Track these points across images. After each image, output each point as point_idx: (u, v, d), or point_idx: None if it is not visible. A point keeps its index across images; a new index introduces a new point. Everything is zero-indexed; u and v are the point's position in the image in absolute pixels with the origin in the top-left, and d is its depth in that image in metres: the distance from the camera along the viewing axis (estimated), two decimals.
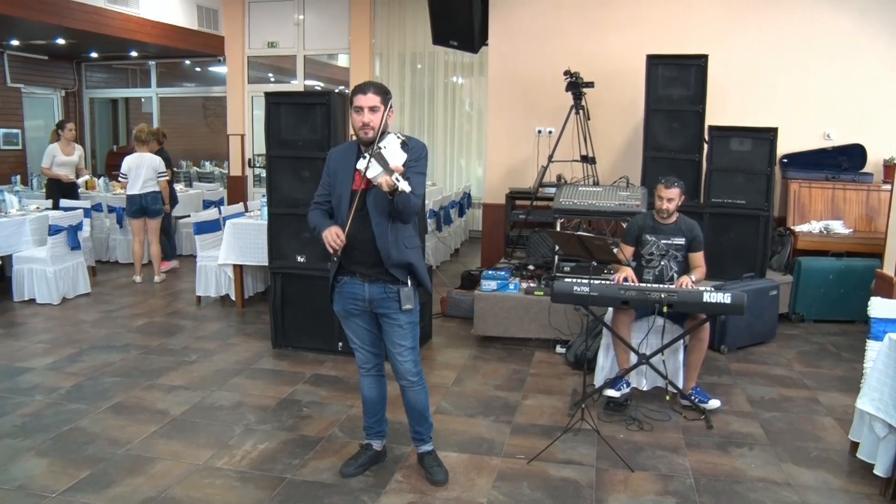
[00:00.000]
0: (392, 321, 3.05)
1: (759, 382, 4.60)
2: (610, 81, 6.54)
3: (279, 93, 5.07)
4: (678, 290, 3.84)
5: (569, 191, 5.46)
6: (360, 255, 2.98)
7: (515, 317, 5.20)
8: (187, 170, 11.97)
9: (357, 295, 3.05)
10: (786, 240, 6.23)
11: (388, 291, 3.00)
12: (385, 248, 2.93)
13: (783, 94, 6.52)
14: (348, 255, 2.98)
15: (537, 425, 3.87)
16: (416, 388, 3.16)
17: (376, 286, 3.01)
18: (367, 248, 2.95)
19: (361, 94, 2.90)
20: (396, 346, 3.07)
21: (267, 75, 10.84)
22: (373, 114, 2.89)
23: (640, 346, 4.08)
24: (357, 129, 2.93)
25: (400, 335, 3.06)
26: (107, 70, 12.24)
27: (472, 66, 10.01)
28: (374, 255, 2.95)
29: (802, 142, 6.55)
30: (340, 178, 3.01)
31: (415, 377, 3.13)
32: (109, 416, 3.92)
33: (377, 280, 3.00)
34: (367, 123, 2.89)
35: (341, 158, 3.05)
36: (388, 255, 2.94)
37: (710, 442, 3.70)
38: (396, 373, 3.13)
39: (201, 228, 6.64)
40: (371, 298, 3.03)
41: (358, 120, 2.91)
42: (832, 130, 6.54)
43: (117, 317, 6.01)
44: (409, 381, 3.13)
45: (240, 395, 4.28)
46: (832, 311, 5.95)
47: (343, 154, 3.06)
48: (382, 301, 3.02)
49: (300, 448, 3.56)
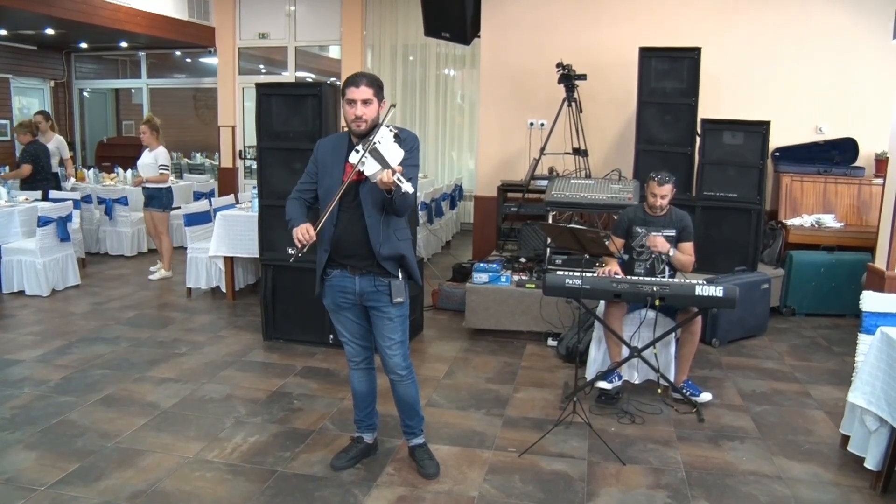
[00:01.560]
0: (382, 314, 3.02)
1: (751, 376, 4.61)
2: (603, 74, 6.52)
3: (270, 84, 5.04)
4: (671, 282, 3.83)
5: (561, 183, 5.45)
6: (350, 248, 2.94)
7: (507, 310, 5.18)
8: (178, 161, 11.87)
9: (347, 288, 3.01)
10: (777, 233, 6.24)
11: (379, 284, 2.97)
12: (377, 241, 2.90)
13: (776, 88, 6.51)
14: (338, 247, 2.94)
15: (529, 418, 3.86)
16: (405, 381, 3.14)
17: (367, 279, 2.98)
18: (358, 240, 2.92)
19: (354, 86, 2.84)
20: (386, 339, 3.05)
21: (258, 66, 10.77)
22: (366, 106, 2.84)
23: (631, 339, 4.07)
24: (349, 121, 2.88)
25: (390, 328, 3.03)
26: (97, 61, 12.14)
27: (465, 58, 9.97)
28: (365, 248, 2.92)
29: (795, 135, 6.55)
30: (329, 169, 2.96)
31: (404, 371, 3.11)
32: (99, 409, 3.89)
33: (367, 273, 2.97)
34: (360, 116, 2.84)
35: (330, 149, 3.00)
36: (380, 248, 2.90)
37: (701, 435, 3.70)
38: (386, 367, 3.11)
39: (192, 220, 6.59)
40: (361, 291, 3.00)
41: (350, 112, 2.86)
42: (824, 124, 6.54)
43: (107, 309, 5.96)
44: (398, 376, 3.11)
45: (230, 387, 4.25)
46: (823, 304, 5.97)
47: (332, 145, 3.02)
48: (373, 294, 2.99)
49: (291, 441, 3.54)
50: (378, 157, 2.73)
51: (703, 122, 5.75)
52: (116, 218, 8.12)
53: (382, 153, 2.74)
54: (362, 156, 2.74)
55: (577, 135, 6.19)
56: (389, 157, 2.74)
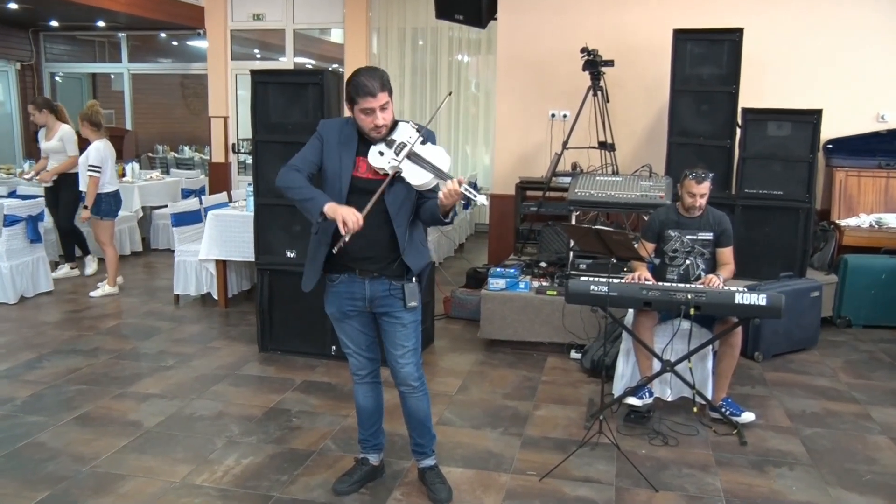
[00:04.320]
0: (395, 320, 3.06)
1: (800, 394, 4.59)
2: (632, 59, 6.53)
3: (266, 71, 5.09)
4: (706, 290, 3.84)
5: (585, 181, 5.47)
6: (365, 251, 2.94)
7: (526, 319, 5.21)
8: (164, 155, 12.02)
9: (356, 294, 3.04)
10: (829, 235, 6.20)
11: (393, 289, 3.01)
12: (403, 248, 2.92)
13: (829, 72, 6.44)
14: (352, 250, 2.91)
15: (550, 438, 3.89)
16: (417, 394, 3.17)
17: (379, 283, 3.01)
18: (377, 244, 2.94)
19: (371, 96, 2.78)
20: (399, 347, 3.08)
21: (252, 51, 10.85)
22: (385, 111, 2.84)
23: (663, 352, 4.09)
24: (368, 130, 2.87)
25: (403, 335, 3.07)
26: (70, 41, 12.08)
27: (480, 42, 10.00)
28: (384, 252, 2.95)
29: (851, 125, 6.48)
30: (335, 156, 2.95)
31: (416, 382, 3.14)
32: (73, 429, 3.91)
33: (380, 276, 3.00)
34: (382, 125, 2.85)
35: (336, 134, 2.98)
36: (406, 256, 2.94)
37: (744, 460, 3.69)
38: (396, 377, 3.15)
39: (180, 220, 6.66)
40: (372, 297, 3.02)
41: (369, 122, 2.84)
42: (887, 112, 6.48)
43: (84, 318, 6.03)
44: (409, 387, 3.14)
45: (222, 404, 4.30)
46: (884, 315, 5.91)
47: (339, 130, 2.99)
48: (384, 299, 3.02)
49: (289, 463, 3.58)
50: (420, 163, 2.74)
51: (744, 111, 5.74)
52: None
53: (426, 157, 2.75)
54: (400, 162, 2.75)
55: (604, 127, 6.21)
56: (437, 161, 2.74)
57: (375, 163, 2.83)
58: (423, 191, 2.86)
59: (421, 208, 2.96)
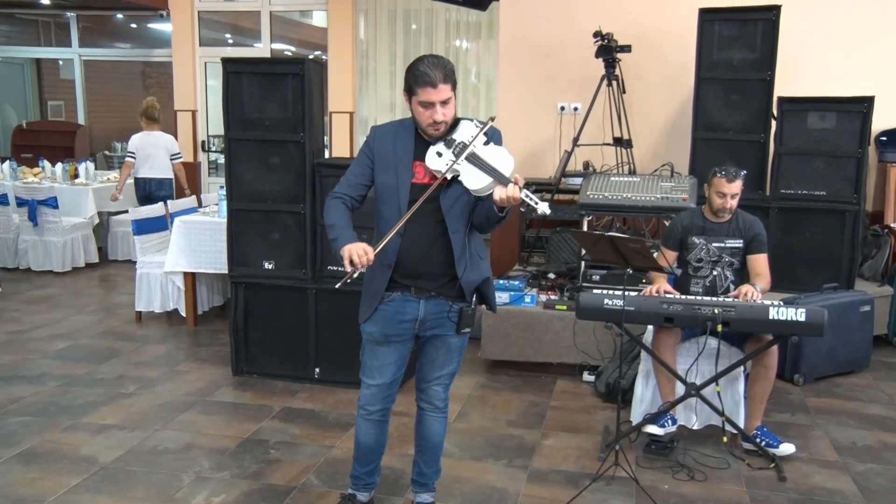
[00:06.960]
0: (442, 344, 3.11)
1: (849, 424, 4.58)
2: (651, 44, 6.56)
3: (240, 59, 5.14)
4: (737, 303, 3.87)
5: (598, 181, 5.52)
6: (421, 266, 2.97)
7: (532, 337, 5.25)
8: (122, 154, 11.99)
9: (407, 315, 3.04)
10: (883, 241, 6.14)
11: (450, 311, 3.04)
12: (461, 263, 2.95)
13: (881, 54, 6.38)
14: (402, 264, 2.95)
15: (560, 471, 3.92)
16: (438, 416, 3.24)
17: (435, 303, 3.03)
18: (433, 258, 2.96)
19: (431, 86, 2.80)
20: (437, 369, 3.16)
21: (224, 36, 10.88)
22: (446, 107, 2.86)
23: (688, 374, 4.11)
24: (425, 126, 2.90)
25: (446, 359, 3.14)
26: (8, 21, 11.94)
27: (480, 26, 10.04)
28: (441, 267, 2.97)
29: None
30: (391, 165, 2.97)
31: (441, 403, 3.22)
32: (15, 467, 3.88)
33: (438, 296, 3.02)
34: (441, 121, 2.87)
35: (391, 140, 3.00)
36: (464, 270, 2.96)
37: (783, 498, 3.69)
38: (421, 394, 3.21)
39: (142, 227, 6.67)
40: (425, 318, 3.04)
41: (426, 116, 2.87)
42: None
43: (30, 339, 6.03)
44: (433, 406, 3.22)
45: (190, 435, 4.32)
46: None
47: (394, 136, 3.01)
48: (437, 321, 3.05)
49: (266, 500, 3.60)
50: (480, 165, 2.78)
51: (780, 101, 5.74)
52: (43, 224, 8.11)
53: (486, 159, 2.79)
54: (455, 162, 2.79)
55: (619, 121, 6.25)
56: (498, 163, 2.78)
57: (433, 165, 2.86)
58: (505, 205, 2.84)
59: (474, 210, 2.99)
